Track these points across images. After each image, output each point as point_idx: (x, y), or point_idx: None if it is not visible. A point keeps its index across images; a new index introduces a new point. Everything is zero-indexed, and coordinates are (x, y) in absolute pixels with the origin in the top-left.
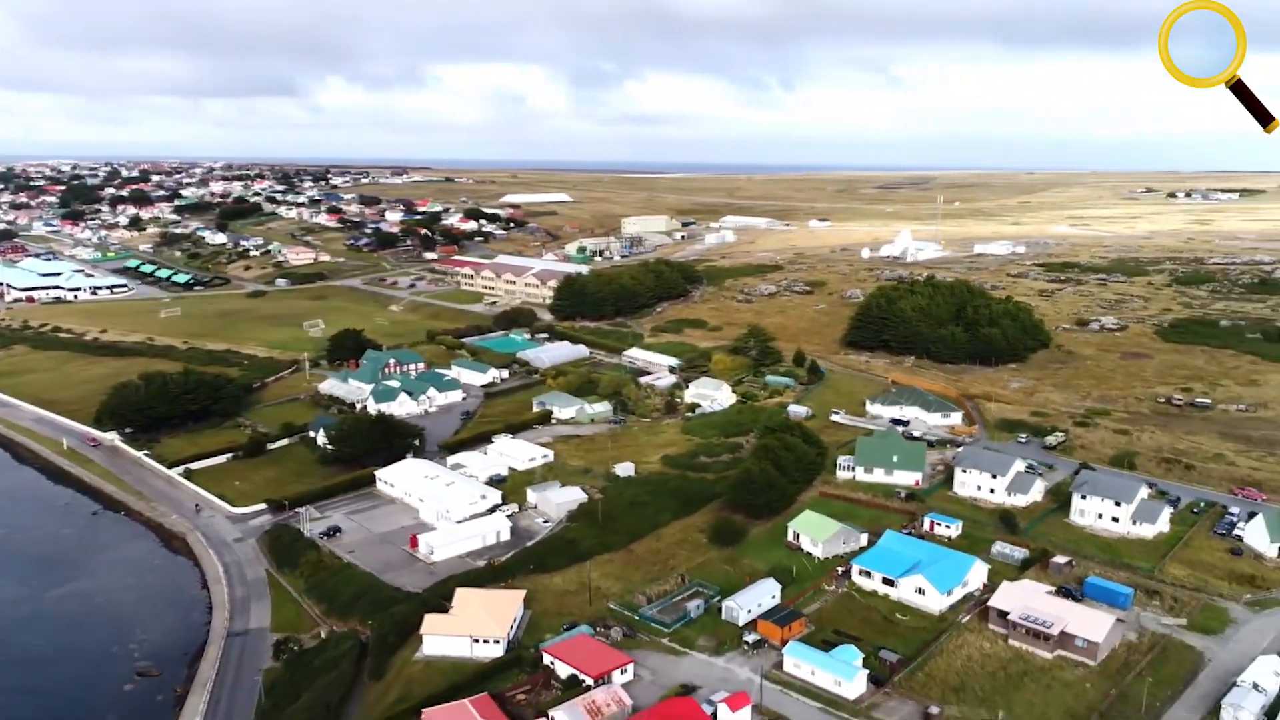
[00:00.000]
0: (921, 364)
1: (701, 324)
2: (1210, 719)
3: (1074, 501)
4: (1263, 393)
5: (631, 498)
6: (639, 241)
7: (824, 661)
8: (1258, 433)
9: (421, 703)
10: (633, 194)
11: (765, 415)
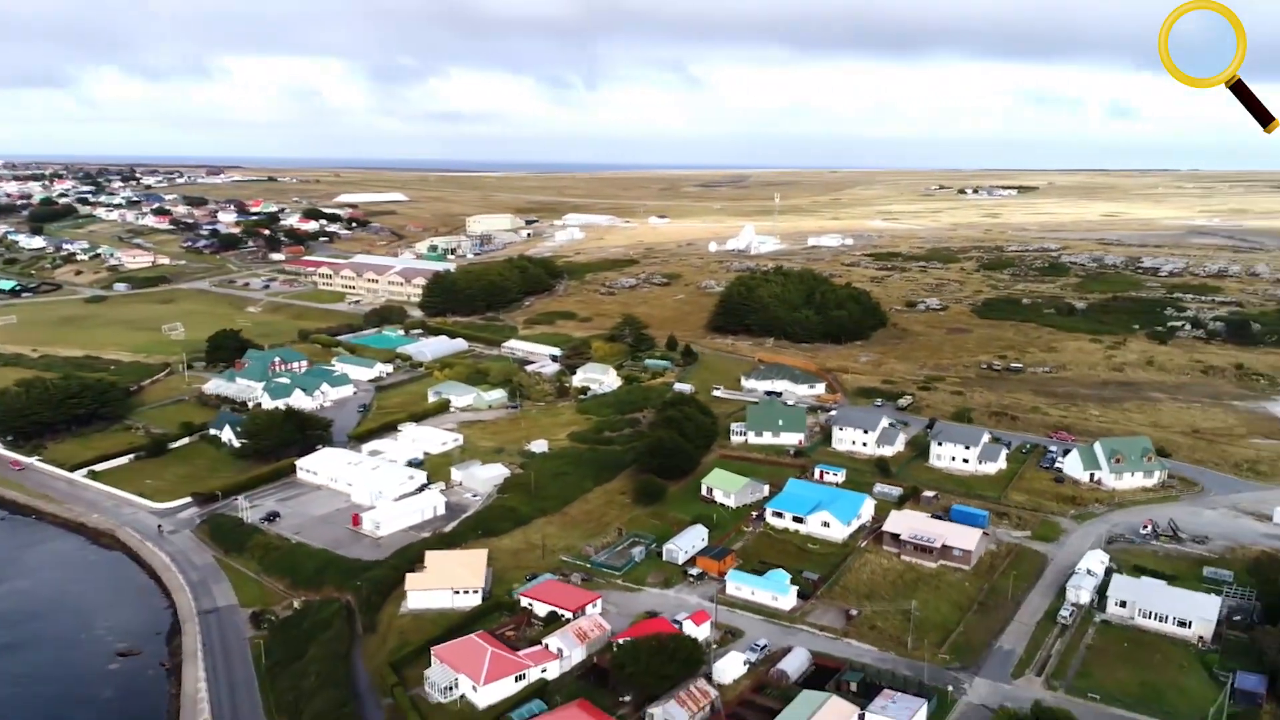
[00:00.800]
0: (781, 344)
1: (572, 315)
2: (1057, 600)
3: (932, 448)
4: (1061, 357)
5: (553, 469)
6: (488, 239)
7: (760, 583)
8: (1061, 389)
9: (426, 643)
10: (466, 193)
11: (655, 393)
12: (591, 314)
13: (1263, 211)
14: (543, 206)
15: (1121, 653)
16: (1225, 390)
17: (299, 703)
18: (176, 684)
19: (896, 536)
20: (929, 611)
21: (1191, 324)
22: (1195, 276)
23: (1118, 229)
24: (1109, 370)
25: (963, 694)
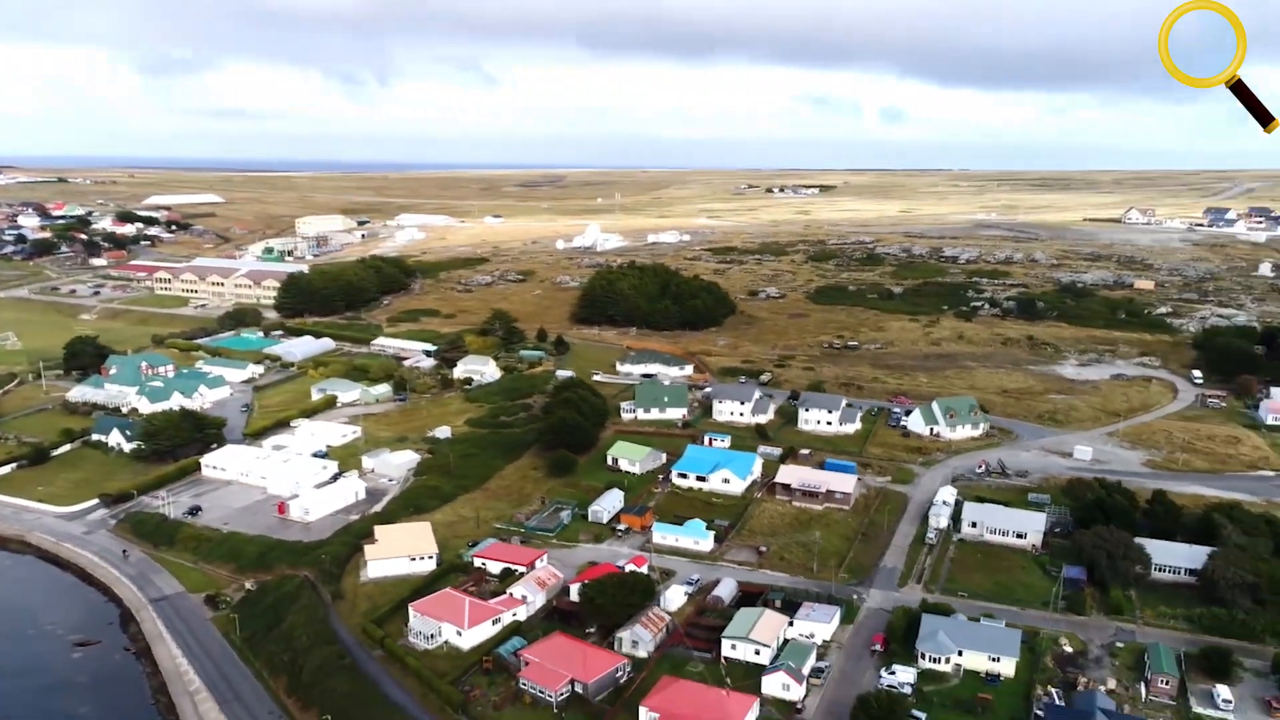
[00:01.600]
0: (644, 333)
1: (435, 313)
2: (922, 526)
3: (800, 414)
4: (888, 335)
5: (462, 452)
6: (325, 241)
7: (682, 531)
8: (892, 361)
9: (398, 603)
10: (281, 194)
11: (540, 380)
12: (454, 310)
13: (1030, 207)
14: (367, 207)
15: (977, 562)
16: (1021, 357)
17: (296, 660)
18: (151, 663)
19: (788, 486)
20: (826, 542)
21: (989, 303)
22: (988, 263)
23: (916, 223)
24: (928, 345)
25: (863, 601)
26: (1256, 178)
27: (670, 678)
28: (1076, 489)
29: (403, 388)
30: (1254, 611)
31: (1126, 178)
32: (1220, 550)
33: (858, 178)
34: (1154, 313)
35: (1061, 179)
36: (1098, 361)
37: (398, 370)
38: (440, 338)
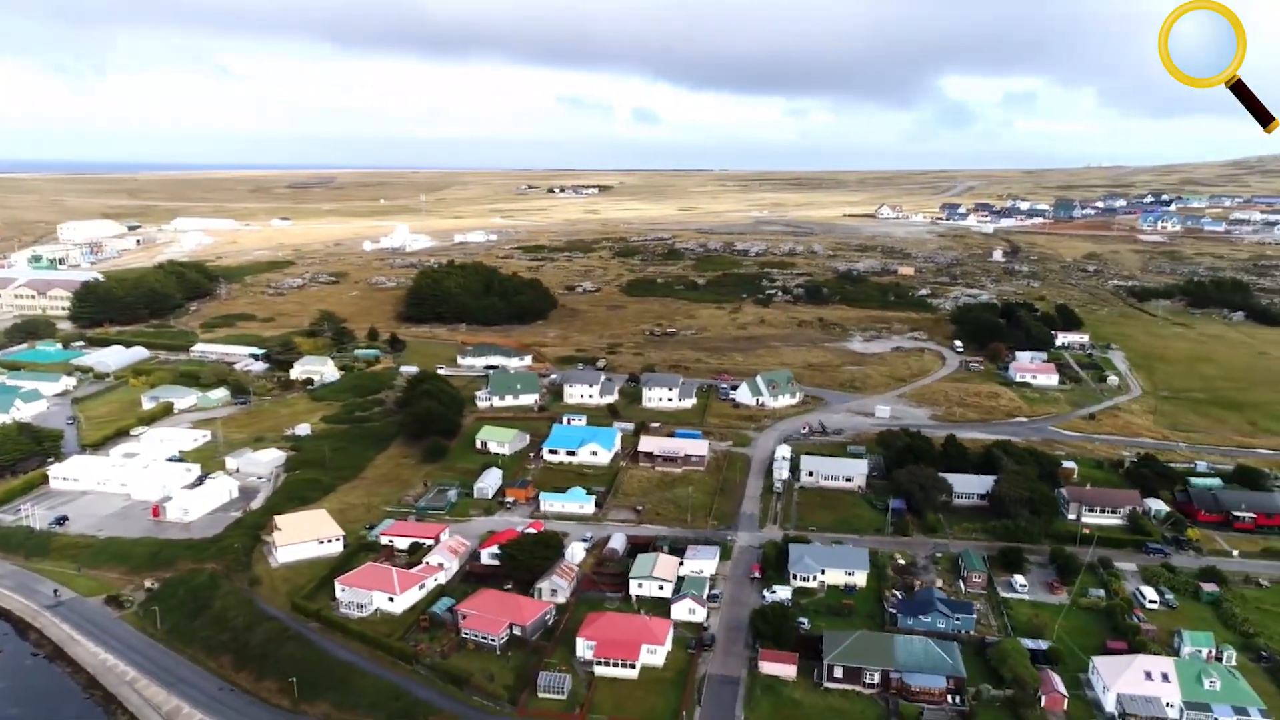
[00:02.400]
0: (474, 328)
1: (251, 317)
2: (767, 479)
3: (644, 393)
4: (700, 322)
5: (330, 446)
6: (99, 247)
7: (566, 498)
8: (708, 345)
9: (321, 580)
10: (20, 197)
11: (386, 377)
12: (272, 314)
13: (794, 205)
14: (130, 211)
15: (817, 503)
16: (816, 336)
17: (238, 638)
18: (69, 663)
19: (650, 454)
20: (696, 496)
21: (782, 291)
22: (775, 256)
23: (701, 221)
24: (736, 329)
25: (735, 541)
26: (972, 177)
27: (596, 613)
28: (887, 439)
29: (242, 391)
30: (1032, 520)
31: (868, 177)
32: (1002, 477)
33: (629, 178)
34: (916, 294)
35: (813, 179)
36: (878, 337)
37: (230, 374)
38: (264, 341)
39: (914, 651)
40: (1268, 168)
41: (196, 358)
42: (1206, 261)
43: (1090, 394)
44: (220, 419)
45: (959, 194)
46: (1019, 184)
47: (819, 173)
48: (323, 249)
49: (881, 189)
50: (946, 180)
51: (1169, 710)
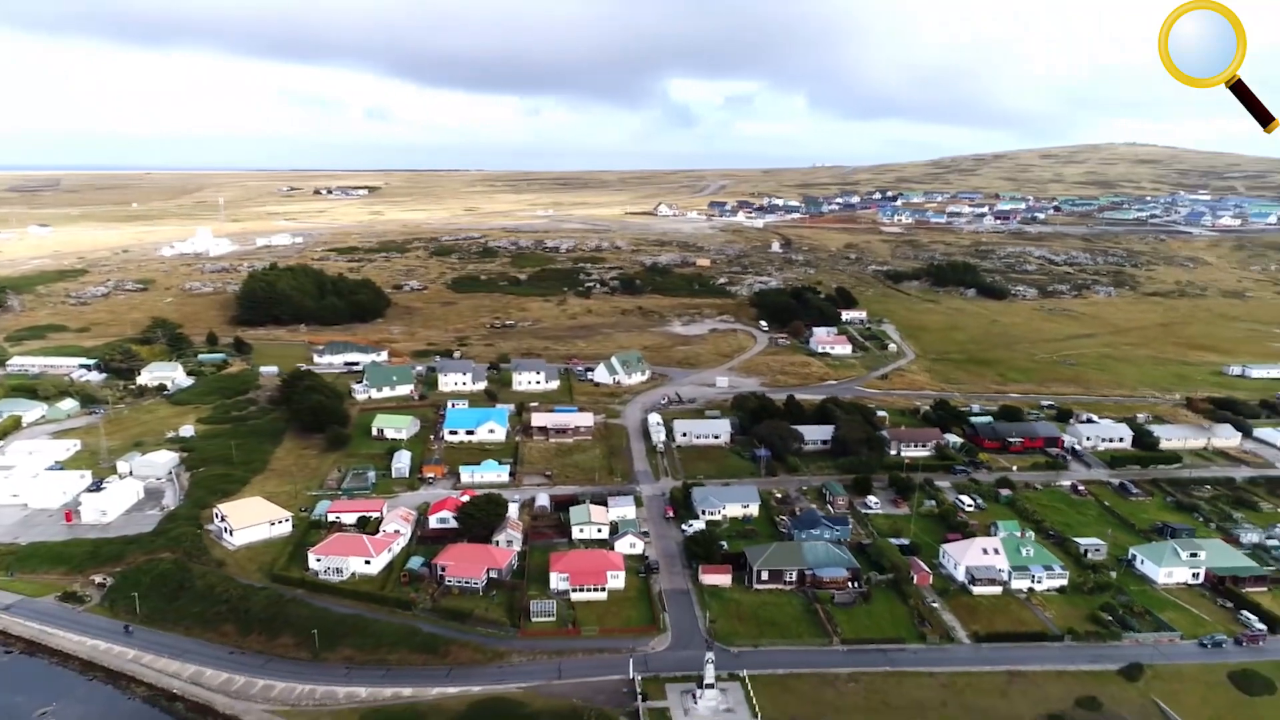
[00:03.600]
0: (314, 328)
1: (62, 328)
2: (648, 442)
3: (514, 377)
4: (533, 314)
5: (228, 444)
6: None
7: (483, 469)
8: (548, 334)
9: (290, 555)
10: None
11: (249, 377)
12: (85, 324)
13: (572, 204)
14: None
15: (695, 457)
16: (640, 323)
17: (236, 609)
18: (52, 653)
19: (544, 428)
20: (590, 462)
21: (599, 284)
22: (584, 251)
23: (492, 221)
24: (568, 319)
25: (641, 492)
26: (719, 176)
27: (560, 552)
28: (740, 402)
29: (92, 400)
30: (870, 455)
31: (626, 177)
32: (842, 425)
33: (391, 178)
34: (716, 283)
35: (576, 178)
36: (694, 321)
37: (75, 386)
38: (87, 351)
39: (818, 553)
40: (961, 167)
41: (17, 372)
42: (939, 249)
43: (878, 359)
44: (80, 429)
45: (714, 193)
46: (762, 183)
47: (581, 173)
48: (112, 256)
49: (642, 188)
50: (697, 180)
51: (1001, 574)
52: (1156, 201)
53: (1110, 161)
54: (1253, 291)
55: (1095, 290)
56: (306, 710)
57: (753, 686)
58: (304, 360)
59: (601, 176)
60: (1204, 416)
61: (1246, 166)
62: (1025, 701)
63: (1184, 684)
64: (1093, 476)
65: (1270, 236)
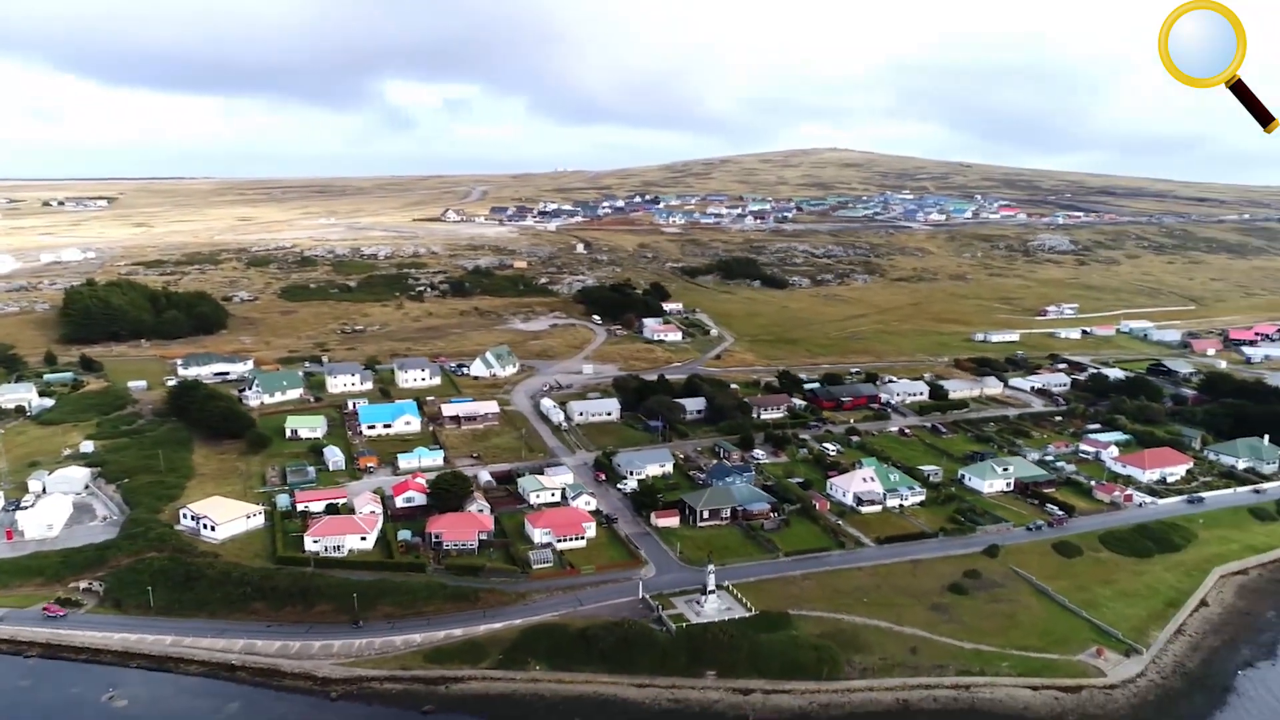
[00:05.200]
0: (157, 343)
1: None
2: (550, 423)
3: (399, 375)
4: (376, 319)
5: (140, 455)
6: None
7: (417, 455)
8: (400, 337)
9: (289, 541)
10: None
11: (120, 393)
12: None
13: (349, 211)
14: None
15: (596, 432)
16: (482, 322)
17: (261, 586)
18: (77, 651)
19: (455, 417)
20: (508, 443)
21: (429, 287)
22: (404, 257)
23: (282, 230)
24: (412, 321)
25: (566, 463)
26: (475, 181)
27: (537, 512)
28: (622, 383)
29: None
30: (743, 419)
31: (384, 184)
32: (713, 397)
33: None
34: (538, 283)
35: (334, 185)
36: (531, 318)
37: None
38: None
39: (743, 493)
40: (694, 171)
41: None
42: (720, 246)
43: (706, 343)
44: None
45: (478, 199)
46: (515, 188)
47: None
48: None
49: (404, 195)
50: (453, 185)
51: (879, 496)
52: (871, 200)
53: (820, 166)
54: (971, 274)
55: (854, 278)
56: (372, 658)
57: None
58: (161, 374)
59: (356, 184)
60: (970, 373)
61: (931, 169)
62: (929, 578)
63: (1025, 555)
64: (911, 422)
65: (971, 229)
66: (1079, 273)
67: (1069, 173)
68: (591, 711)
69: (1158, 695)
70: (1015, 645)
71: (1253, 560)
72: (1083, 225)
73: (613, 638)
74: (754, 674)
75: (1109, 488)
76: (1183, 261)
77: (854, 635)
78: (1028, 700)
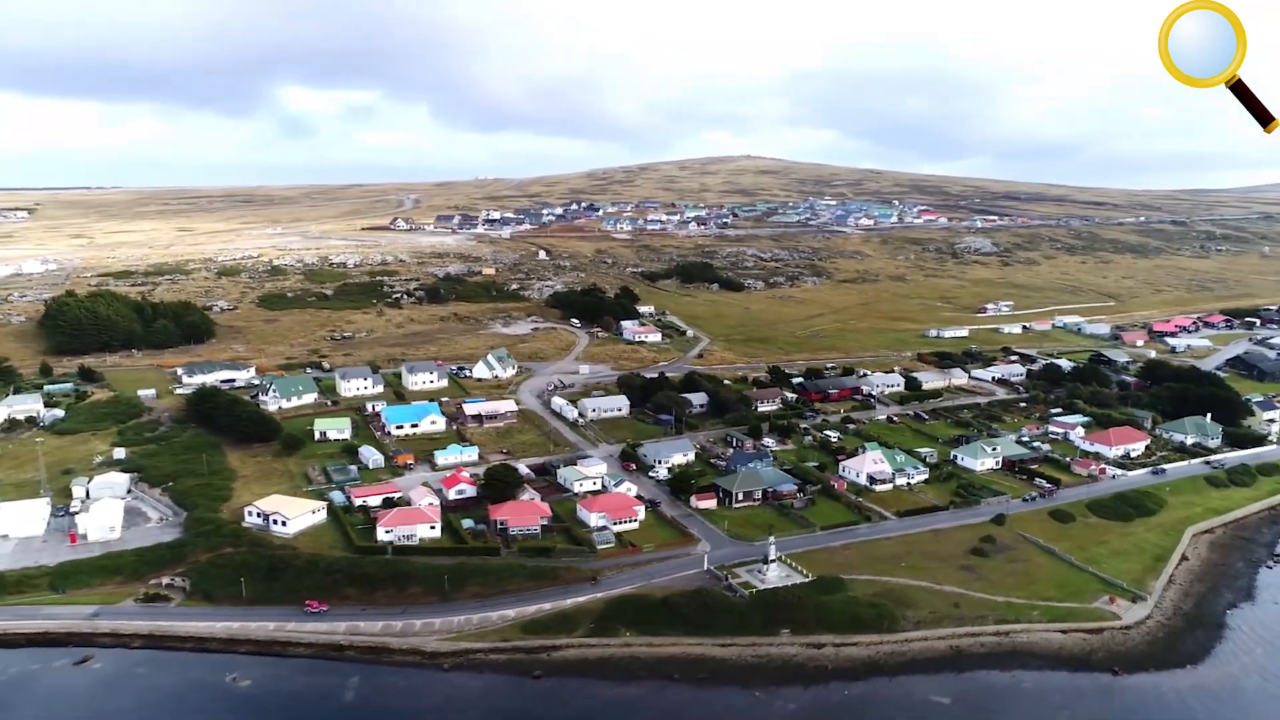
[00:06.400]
0: (148, 352)
1: None
2: (561, 420)
3: (409, 378)
4: (361, 325)
5: (176, 460)
6: None
7: (452, 451)
8: (390, 342)
9: (362, 529)
10: None
11: (132, 401)
12: None
13: (291, 220)
14: None
15: (610, 427)
16: (465, 327)
17: (351, 575)
18: (178, 641)
19: (478, 415)
20: (531, 439)
21: (406, 294)
22: (374, 265)
23: (233, 240)
24: (396, 328)
25: (594, 455)
26: (398, 189)
27: (591, 498)
28: (626, 380)
29: None
30: (746, 411)
31: (311, 192)
32: (715, 392)
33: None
34: (510, 288)
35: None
36: (512, 323)
37: None
38: None
39: (771, 475)
40: (617, 178)
41: None
42: (673, 251)
43: (685, 343)
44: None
45: (412, 208)
46: (443, 195)
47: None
48: None
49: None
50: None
51: (889, 475)
52: (800, 207)
53: (739, 173)
54: (910, 276)
55: (804, 280)
56: (473, 633)
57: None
58: (161, 383)
59: (280, 193)
60: (933, 365)
61: (845, 176)
62: (951, 544)
63: (1027, 522)
64: (895, 411)
65: (900, 233)
66: (1004, 273)
67: (971, 178)
68: (684, 668)
69: (1166, 633)
70: (1039, 597)
71: (1217, 520)
72: (999, 229)
73: (693, 604)
74: (823, 630)
75: (1085, 463)
76: (1094, 262)
77: (901, 594)
78: (1061, 642)
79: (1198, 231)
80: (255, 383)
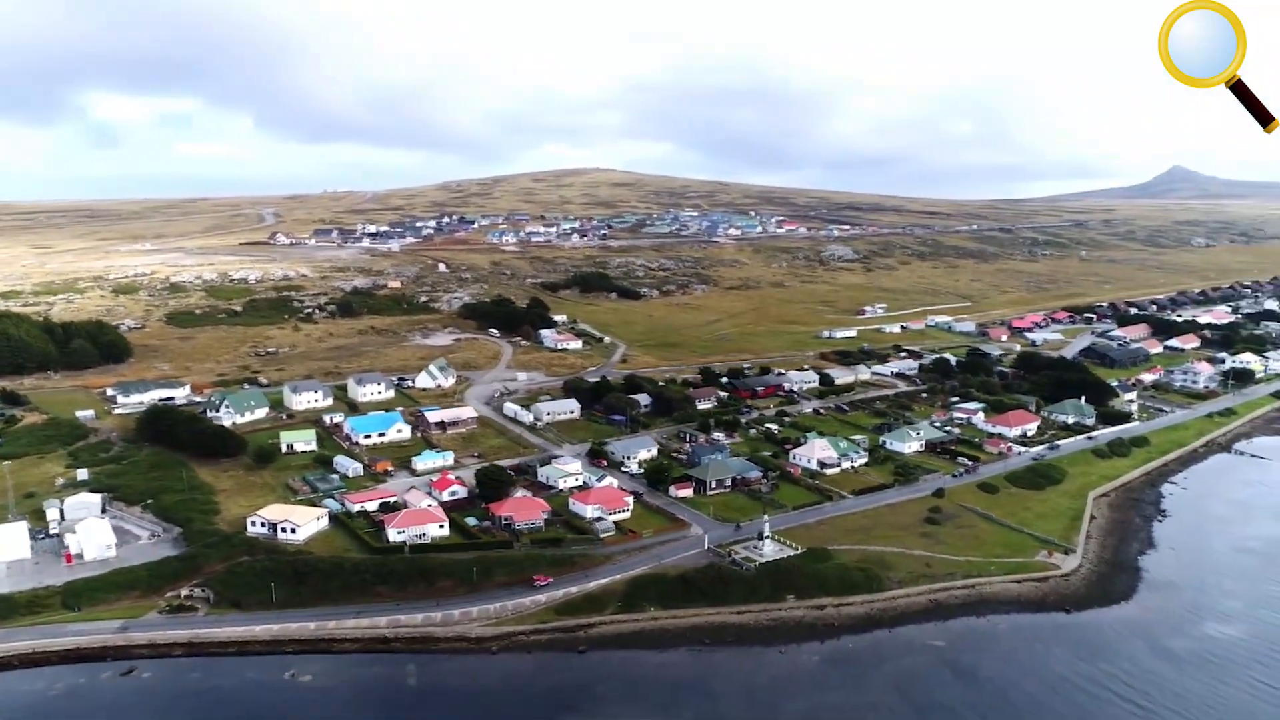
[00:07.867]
0: (69, 374)
1: None
2: (517, 425)
3: (358, 389)
4: (281, 340)
5: (145, 479)
6: None
7: (429, 457)
8: (319, 357)
9: (368, 532)
10: None
11: (72, 424)
12: None
13: (155, 236)
14: None
15: (567, 428)
16: (384, 340)
17: (380, 574)
18: (219, 647)
19: (441, 423)
20: (499, 442)
21: (317, 309)
22: (276, 280)
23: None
24: (317, 342)
25: (563, 455)
26: (251, 203)
27: (583, 491)
28: (572, 384)
29: None
30: (690, 410)
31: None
32: (658, 393)
33: None
34: (419, 301)
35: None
36: (431, 334)
37: None
38: None
39: (737, 465)
40: (473, 191)
41: None
42: (565, 262)
43: (604, 350)
44: None
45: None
46: (300, 209)
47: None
48: None
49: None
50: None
51: (836, 460)
52: (666, 218)
53: (594, 185)
54: (787, 281)
55: (694, 288)
56: (511, 617)
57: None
58: (90, 404)
59: (127, 208)
60: (836, 363)
61: (697, 188)
62: (905, 515)
63: (961, 494)
64: (818, 404)
65: (768, 242)
66: (870, 278)
67: (813, 189)
68: (712, 634)
69: (1098, 576)
70: (992, 555)
71: (1109, 485)
72: (854, 237)
73: (708, 578)
74: (822, 594)
75: (994, 442)
76: (944, 266)
77: (880, 559)
78: (1018, 590)
79: (1023, 238)
80: (196, 400)
